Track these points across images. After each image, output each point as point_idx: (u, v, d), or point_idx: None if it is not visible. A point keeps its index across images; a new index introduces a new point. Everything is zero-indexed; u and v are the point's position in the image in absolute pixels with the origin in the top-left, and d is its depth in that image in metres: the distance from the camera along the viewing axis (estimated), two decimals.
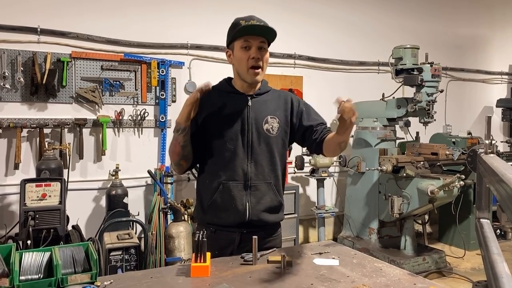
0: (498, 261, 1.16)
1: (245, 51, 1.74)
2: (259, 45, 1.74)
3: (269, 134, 1.81)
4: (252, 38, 1.73)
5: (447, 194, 3.48)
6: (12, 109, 3.33)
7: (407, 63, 3.83)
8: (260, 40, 1.74)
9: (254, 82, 1.79)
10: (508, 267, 1.07)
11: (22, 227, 2.62)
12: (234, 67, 1.82)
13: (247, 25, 1.70)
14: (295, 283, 1.46)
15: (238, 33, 1.72)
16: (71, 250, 1.36)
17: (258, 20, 1.73)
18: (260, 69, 1.76)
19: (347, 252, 1.83)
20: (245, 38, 1.73)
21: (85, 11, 3.55)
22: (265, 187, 1.82)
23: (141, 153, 3.78)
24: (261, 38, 1.74)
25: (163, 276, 1.53)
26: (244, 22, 1.71)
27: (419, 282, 1.47)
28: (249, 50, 1.73)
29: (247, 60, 1.73)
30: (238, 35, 1.73)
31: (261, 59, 1.75)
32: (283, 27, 4.36)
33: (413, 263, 3.70)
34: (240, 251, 1.77)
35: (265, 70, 1.80)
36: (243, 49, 1.74)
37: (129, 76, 3.71)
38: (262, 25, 1.71)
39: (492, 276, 1.10)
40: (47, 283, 1.20)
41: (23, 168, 3.36)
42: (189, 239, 3.45)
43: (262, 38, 1.74)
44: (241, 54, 1.75)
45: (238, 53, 1.75)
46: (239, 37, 1.73)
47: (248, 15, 1.75)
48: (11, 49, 3.28)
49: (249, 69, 1.75)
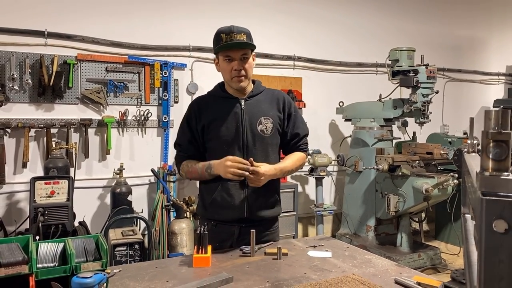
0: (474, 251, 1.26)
1: (228, 62, 1.86)
2: (240, 57, 1.84)
3: (263, 134, 1.92)
4: (233, 52, 1.83)
5: (442, 192, 3.58)
6: (21, 110, 3.44)
7: (403, 65, 3.93)
8: (241, 53, 1.84)
9: (240, 88, 1.91)
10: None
11: (32, 222, 2.73)
12: (222, 75, 1.95)
13: (226, 44, 1.80)
14: (289, 273, 1.57)
15: (219, 49, 1.84)
16: (83, 241, 1.47)
17: (237, 31, 1.82)
18: (243, 76, 1.87)
19: (340, 245, 1.95)
20: (226, 53, 1.84)
21: (90, 15, 3.66)
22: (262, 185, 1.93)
23: (144, 152, 3.90)
24: (242, 50, 1.84)
25: (167, 266, 1.64)
26: (225, 35, 1.81)
27: (405, 272, 1.58)
28: (232, 62, 1.85)
29: (230, 71, 1.86)
30: (220, 50, 1.85)
31: (244, 68, 1.85)
32: (282, 30, 4.50)
33: (409, 260, 3.81)
34: (239, 244, 1.89)
35: (250, 74, 1.91)
36: (226, 61, 1.86)
37: (133, 77, 3.83)
38: (239, 42, 1.81)
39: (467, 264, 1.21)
40: (62, 270, 1.32)
41: (31, 167, 3.47)
42: (191, 236, 3.56)
43: (243, 50, 1.85)
44: (224, 66, 1.87)
45: (222, 64, 1.88)
46: (221, 51, 1.85)
47: (228, 27, 1.84)
48: (20, 52, 3.39)
49: (232, 78, 1.87)
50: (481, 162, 0.77)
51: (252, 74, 1.93)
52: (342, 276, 1.53)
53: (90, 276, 1.24)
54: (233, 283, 1.47)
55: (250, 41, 1.84)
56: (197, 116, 1.94)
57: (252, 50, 1.90)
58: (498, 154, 0.70)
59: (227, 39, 1.81)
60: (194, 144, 1.96)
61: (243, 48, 1.84)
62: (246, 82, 1.91)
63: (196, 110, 1.95)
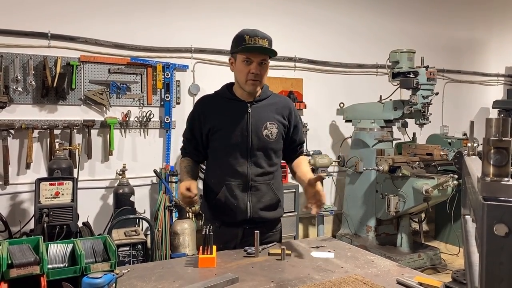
0: (474, 252, 1.29)
1: (246, 64, 1.86)
2: (260, 61, 1.86)
3: (268, 139, 1.94)
4: (254, 56, 1.84)
5: (441, 193, 3.62)
6: (24, 111, 3.47)
7: (403, 67, 3.96)
8: (261, 58, 1.85)
9: (251, 91, 1.92)
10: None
11: (37, 223, 2.76)
12: (235, 75, 1.95)
13: (250, 46, 1.81)
14: (293, 273, 1.60)
15: (241, 50, 1.84)
16: (91, 242, 1.50)
17: (261, 36, 1.84)
18: (258, 81, 1.88)
19: (342, 246, 1.98)
20: (247, 55, 1.85)
21: (93, 17, 3.69)
22: (265, 187, 1.96)
23: (147, 153, 3.93)
24: (263, 55, 1.86)
25: (173, 266, 1.67)
26: (248, 37, 1.82)
27: (407, 273, 1.61)
28: (250, 65, 1.85)
29: (247, 74, 1.86)
30: (241, 51, 1.85)
31: (260, 73, 1.87)
32: (283, 31, 4.52)
33: (409, 260, 3.84)
34: (242, 245, 1.92)
35: (264, 81, 1.93)
36: (245, 63, 1.86)
37: (135, 79, 3.85)
38: (264, 47, 1.83)
39: (468, 265, 1.24)
40: (72, 271, 1.35)
41: (34, 168, 3.50)
42: (193, 236, 3.59)
43: (264, 56, 1.86)
44: (242, 67, 1.87)
45: (240, 65, 1.88)
46: (241, 52, 1.85)
47: (253, 30, 1.85)
48: (23, 54, 3.42)
49: (247, 80, 1.87)
50: (482, 167, 0.80)
51: (265, 81, 1.95)
52: (345, 276, 1.56)
53: (100, 277, 1.27)
54: (239, 284, 1.50)
55: (273, 49, 1.86)
56: (201, 118, 1.96)
57: (270, 57, 1.91)
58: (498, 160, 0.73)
59: (250, 41, 1.81)
60: (193, 143, 2.02)
61: (265, 53, 1.85)
62: (260, 87, 1.92)
63: (201, 112, 1.97)
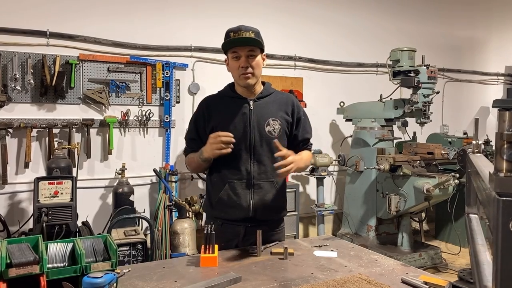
0: (482, 251, 1.28)
1: (236, 60, 1.89)
2: (247, 54, 1.87)
3: (271, 136, 1.93)
4: (240, 49, 1.86)
5: (443, 192, 3.60)
6: (23, 110, 3.44)
7: (404, 65, 3.95)
8: (248, 50, 1.87)
9: (247, 86, 1.92)
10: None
11: (36, 222, 2.73)
12: (231, 74, 1.97)
13: (232, 39, 1.85)
14: (296, 272, 1.58)
15: (226, 46, 1.88)
16: (91, 242, 1.48)
17: (245, 29, 1.86)
18: (251, 74, 1.89)
19: (345, 245, 1.96)
20: (234, 50, 1.87)
21: (92, 15, 3.66)
22: (268, 185, 1.94)
23: (146, 152, 3.90)
24: (249, 47, 1.87)
25: (174, 266, 1.65)
26: (233, 33, 1.85)
27: (411, 272, 1.60)
28: (239, 60, 1.88)
29: (238, 69, 1.89)
30: (228, 48, 1.88)
31: (251, 65, 1.88)
32: (284, 30, 4.51)
33: (410, 259, 3.82)
34: (244, 243, 1.90)
35: (258, 73, 1.93)
36: (234, 59, 1.89)
37: (135, 77, 3.83)
38: (246, 38, 1.85)
39: (475, 264, 1.22)
40: (73, 270, 1.33)
41: (33, 167, 3.47)
42: (193, 235, 3.57)
43: (250, 47, 1.87)
44: (233, 64, 1.90)
45: (231, 62, 1.91)
46: (229, 48, 1.88)
47: (237, 26, 1.88)
48: (22, 52, 3.39)
49: (240, 75, 1.89)
50: (495, 163, 0.78)
51: (261, 74, 1.94)
52: (349, 275, 1.54)
53: (100, 276, 1.25)
54: (241, 283, 1.48)
55: (258, 39, 1.86)
56: (205, 117, 1.96)
57: (261, 50, 1.92)
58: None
59: (234, 36, 1.85)
60: (198, 142, 1.99)
61: (249, 45, 1.86)
62: (254, 80, 1.92)
63: (205, 111, 1.98)
